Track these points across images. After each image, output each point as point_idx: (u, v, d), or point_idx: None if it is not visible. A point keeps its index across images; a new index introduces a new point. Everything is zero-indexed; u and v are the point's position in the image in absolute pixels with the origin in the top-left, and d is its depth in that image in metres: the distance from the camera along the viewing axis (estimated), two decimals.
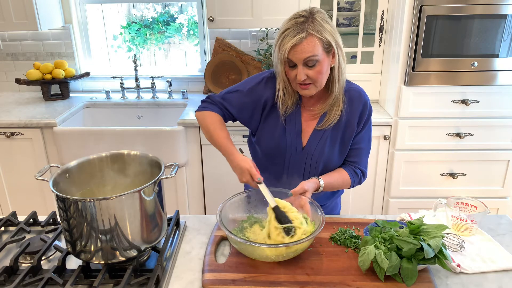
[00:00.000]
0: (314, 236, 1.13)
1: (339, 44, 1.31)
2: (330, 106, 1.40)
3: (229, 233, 1.14)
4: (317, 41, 1.25)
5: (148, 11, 2.96)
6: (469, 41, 2.18)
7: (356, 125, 1.43)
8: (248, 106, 1.45)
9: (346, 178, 1.47)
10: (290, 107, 1.42)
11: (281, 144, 1.44)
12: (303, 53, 1.25)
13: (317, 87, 1.34)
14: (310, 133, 1.43)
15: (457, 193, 2.43)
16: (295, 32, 1.25)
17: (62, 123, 2.45)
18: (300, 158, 1.45)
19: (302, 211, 1.27)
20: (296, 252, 1.16)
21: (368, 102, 1.45)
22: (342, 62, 1.34)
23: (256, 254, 1.15)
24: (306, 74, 1.29)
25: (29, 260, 1.21)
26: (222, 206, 1.25)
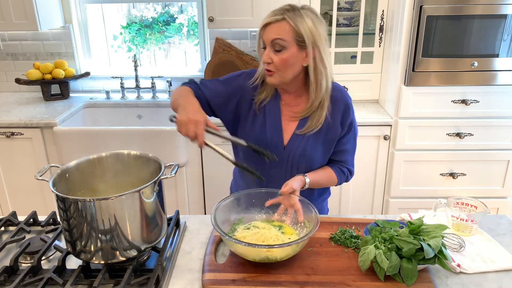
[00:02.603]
0: (308, 237, 1.12)
1: (317, 45, 1.30)
2: (311, 112, 1.40)
3: (223, 233, 1.14)
4: (289, 27, 1.27)
5: (148, 11, 2.96)
6: (469, 41, 2.18)
7: (339, 125, 1.43)
8: (222, 94, 1.45)
9: (332, 176, 1.48)
10: (267, 97, 1.43)
11: (262, 139, 1.43)
12: (272, 33, 1.29)
13: (281, 78, 1.34)
14: (291, 133, 1.43)
15: (457, 193, 2.43)
16: (273, 13, 1.30)
17: (62, 123, 2.45)
18: (281, 157, 1.44)
19: (293, 209, 1.28)
20: (288, 255, 1.15)
21: (350, 102, 1.44)
22: (321, 65, 1.33)
23: (250, 255, 1.14)
24: (271, 58, 1.31)
25: (29, 260, 1.21)
26: (215, 208, 1.24)
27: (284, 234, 1.25)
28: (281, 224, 1.30)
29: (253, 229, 1.26)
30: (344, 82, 2.57)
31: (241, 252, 1.14)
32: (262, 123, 1.44)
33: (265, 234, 1.22)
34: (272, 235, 1.22)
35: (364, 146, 2.41)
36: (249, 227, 1.27)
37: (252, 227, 1.27)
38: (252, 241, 1.19)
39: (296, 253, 1.17)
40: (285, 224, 1.30)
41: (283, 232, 1.26)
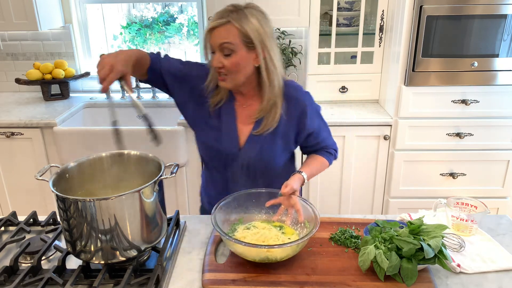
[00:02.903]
0: (308, 237, 1.12)
1: (266, 45, 1.29)
2: (266, 112, 1.39)
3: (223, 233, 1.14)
4: (235, 30, 1.25)
5: (148, 11, 2.96)
6: (469, 41, 2.18)
7: (296, 124, 1.42)
8: (179, 74, 1.43)
9: (323, 161, 1.50)
10: (221, 100, 1.42)
11: (217, 141, 1.43)
12: (218, 38, 1.27)
13: (234, 81, 1.33)
14: (247, 135, 1.42)
15: (457, 193, 2.43)
16: (217, 17, 1.27)
17: (62, 123, 2.45)
18: (237, 158, 1.44)
19: (293, 210, 1.28)
20: (288, 255, 1.15)
21: (306, 99, 1.43)
22: (271, 65, 1.32)
23: (250, 255, 1.14)
24: (222, 63, 1.29)
25: (29, 260, 1.21)
26: (215, 208, 1.24)
27: (285, 234, 1.25)
28: (282, 224, 1.30)
29: (253, 229, 1.26)
30: (344, 82, 2.58)
31: (241, 252, 1.14)
32: (217, 125, 1.43)
33: (265, 234, 1.22)
34: (272, 235, 1.22)
35: (364, 146, 2.41)
36: (249, 227, 1.27)
37: (252, 227, 1.27)
38: (252, 241, 1.19)
39: (296, 253, 1.17)
40: (285, 224, 1.30)
41: (284, 232, 1.26)
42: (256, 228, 1.27)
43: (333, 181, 2.49)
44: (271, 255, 1.12)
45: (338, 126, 2.36)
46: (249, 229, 1.26)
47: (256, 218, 1.33)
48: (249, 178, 1.47)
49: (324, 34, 2.50)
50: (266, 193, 1.33)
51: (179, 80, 1.44)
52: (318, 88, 2.58)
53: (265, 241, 1.20)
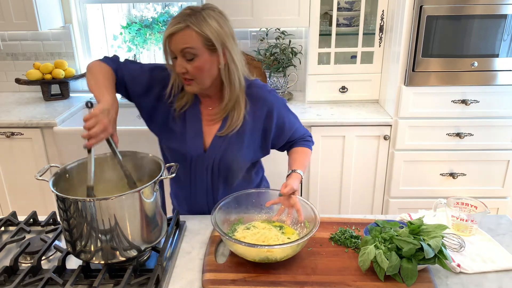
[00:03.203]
0: (308, 237, 1.12)
1: (226, 46, 1.28)
2: (229, 111, 1.38)
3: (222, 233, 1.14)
4: (195, 34, 1.23)
5: (148, 11, 2.96)
6: (469, 41, 2.18)
7: (264, 122, 1.42)
8: (142, 82, 1.40)
9: (307, 151, 1.51)
10: (187, 103, 1.41)
11: (182, 145, 1.42)
12: (179, 43, 1.24)
13: (199, 85, 1.32)
14: (212, 136, 1.42)
15: (457, 193, 2.43)
16: (175, 21, 1.24)
17: (62, 123, 2.45)
18: (202, 161, 1.43)
19: (293, 210, 1.28)
20: (287, 255, 1.15)
21: (271, 96, 1.43)
22: (233, 65, 1.32)
23: (250, 255, 1.14)
24: (186, 68, 1.27)
25: (29, 260, 1.21)
26: (215, 208, 1.24)
27: (285, 234, 1.25)
28: (282, 224, 1.30)
29: (253, 229, 1.26)
30: (344, 82, 2.58)
31: (241, 252, 1.14)
32: (181, 128, 1.42)
33: (265, 234, 1.22)
34: (272, 235, 1.22)
35: (364, 146, 2.41)
36: (249, 227, 1.28)
37: (252, 227, 1.27)
38: (252, 241, 1.19)
39: (296, 253, 1.17)
40: (285, 224, 1.30)
41: (284, 232, 1.26)
42: (256, 228, 1.27)
43: (333, 181, 2.49)
44: (271, 255, 1.12)
45: (338, 126, 2.36)
46: (249, 229, 1.26)
47: (256, 218, 1.33)
48: (214, 180, 1.46)
49: (324, 34, 2.50)
50: (266, 193, 1.34)
51: (144, 89, 1.41)
52: (318, 88, 2.58)
53: (265, 241, 1.20)
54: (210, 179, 1.46)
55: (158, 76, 1.41)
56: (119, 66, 1.41)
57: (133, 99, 1.45)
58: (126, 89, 1.43)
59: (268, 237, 1.21)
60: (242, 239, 1.19)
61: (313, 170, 2.46)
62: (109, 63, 1.40)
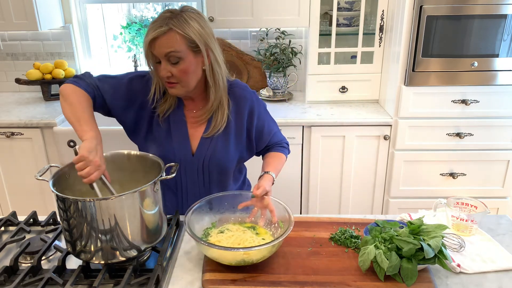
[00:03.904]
0: (283, 237, 1.11)
1: (209, 46, 1.28)
2: (213, 111, 1.38)
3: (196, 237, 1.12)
4: (179, 37, 1.22)
5: (148, 11, 2.96)
6: (469, 41, 2.18)
7: (246, 122, 1.42)
8: (123, 96, 1.37)
9: (281, 156, 1.51)
10: (170, 107, 1.40)
11: (168, 150, 1.40)
12: (163, 47, 1.22)
13: (184, 87, 1.31)
14: (198, 139, 1.41)
15: (457, 193, 2.43)
16: (157, 25, 1.22)
17: (62, 123, 2.44)
18: (191, 164, 1.42)
19: (266, 210, 1.27)
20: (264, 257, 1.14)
21: (253, 95, 1.44)
22: (216, 65, 1.32)
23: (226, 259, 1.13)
24: (170, 72, 1.26)
25: (29, 260, 1.21)
26: (188, 213, 1.22)
27: (258, 235, 1.23)
28: (254, 225, 1.29)
29: (227, 232, 1.24)
30: (344, 82, 2.58)
31: (216, 256, 1.13)
32: (166, 133, 1.40)
33: (240, 236, 1.21)
34: (248, 237, 1.20)
35: (364, 146, 2.41)
36: (223, 230, 1.26)
37: (226, 230, 1.25)
38: (228, 244, 1.18)
39: (295, 254, 1.17)
40: (258, 225, 1.29)
41: (257, 233, 1.25)
42: (230, 231, 1.25)
43: (333, 181, 2.49)
44: (248, 257, 1.11)
45: (338, 126, 2.36)
46: (223, 232, 1.24)
47: (229, 221, 1.31)
48: (206, 183, 1.46)
49: (324, 34, 2.50)
50: (239, 196, 1.32)
51: (125, 104, 1.39)
52: (318, 88, 2.58)
53: (241, 243, 1.18)
54: (202, 183, 1.46)
55: (137, 86, 1.39)
56: (95, 87, 1.36)
57: (115, 115, 1.41)
58: (107, 106, 1.38)
59: (243, 239, 1.19)
60: (217, 243, 1.17)
61: (313, 170, 2.46)
62: (82, 86, 1.32)
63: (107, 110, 1.40)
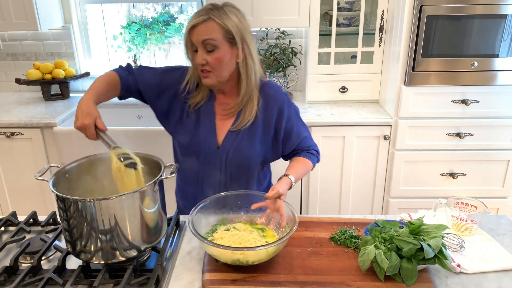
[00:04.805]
0: (277, 244, 1.10)
1: (245, 40, 1.33)
2: (243, 105, 1.41)
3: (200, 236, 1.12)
4: (217, 26, 1.29)
5: (148, 11, 2.96)
6: (469, 41, 2.18)
7: (275, 121, 1.43)
8: (156, 86, 1.46)
9: (307, 162, 1.49)
10: (202, 100, 1.44)
11: (195, 140, 1.44)
12: (201, 34, 1.29)
13: (217, 77, 1.35)
14: (225, 132, 1.44)
15: (457, 193, 2.43)
16: (198, 15, 1.31)
17: (62, 123, 2.45)
18: (215, 156, 1.44)
19: (278, 214, 1.26)
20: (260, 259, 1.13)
21: (285, 97, 1.45)
22: (250, 60, 1.36)
23: (223, 257, 1.13)
24: (206, 59, 1.31)
25: (29, 260, 1.21)
26: (196, 208, 1.23)
27: (265, 237, 1.23)
28: (264, 227, 1.28)
29: (233, 230, 1.24)
30: (344, 82, 2.58)
31: (214, 253, 1.13)
32: (195, 124, 1.44)
33: (242, 236, 1.20)
34: (250, 238, 1.20)
35: (364, 146, 2.41)
36: (230, 228, 1.26)
37: (232, 229, 1.25)
38: (229, 242, 1.17)
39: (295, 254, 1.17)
40: (268, 227, 1.28)
41: (264, 235, 1.24)
42: (236, 230, 1.24)
43: (333, 181, 2.50)
44: (243, 258, 1.11)
45: (338, 126, 2.36)
46: (229, 230, 1.24)
47: (240, 220, 1.31)
48: (226, 178, 1.46)
49: (324, 34, 2.50)
50: (253, 196, 1.32)
51: (158, 92, 1.46)
52: (318, 88, 2.58)
53: (242, 243, 1.18)
54: (224, 176, 1.47)
55: (171, 77, 1.46)
56: (130, 73, 1.47)
57: (148, 102, 1.50)
58: (141, 94, 1.48)
59: (245, 240, 1.19)
60: (219, 240, 1.18)
61: (313, 170, 2.45)
62: (118, 71, 1.47)
63: (141, 96, 1.49)
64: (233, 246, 1.14)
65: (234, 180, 1.47)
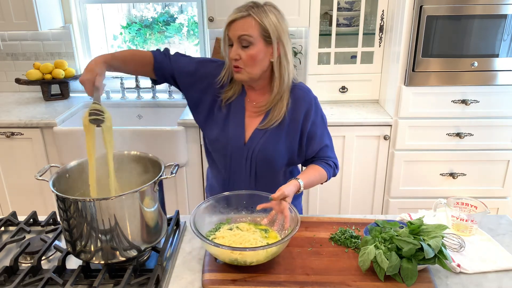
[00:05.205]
0: (273, 246, 1.10)
1: (282, 40, 1.34)
2: (273, 105, 1.41)
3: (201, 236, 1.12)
4: (255, 23, 1.30)
5: (148, 11, 2.96)
6: (469, 41, 2.18)
7: (301, 123, 1.43)
8: (191, 74, 1.46)
9: (322, 172, 1.46)
10: (233, 95, 1.45)
11: (223, 134, 1.45)
12: (238, 30, 1.31)
13: (249, 74, 1.35)
14: (253, 129, 1.44)
15: (457, 193, 2.43)
16: (238, 10, 1.33)
17: (62, 123, 2.45)
18: (241, 152, 1.45)
19: (282, 216, 1.26)
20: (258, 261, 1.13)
21: (313, 100, 1.45)
22: (285, 60, 1.36)
23: (221, 256, 1.13)
24: (240, 55, 1.32)
25: (29, 260, 1.21)
26: (201, 205, 1.24)
27: (267, 239, 1.23)
28: (267, 228, 1.28)
29: (235, 230, 1.24)
30: (344, 82, 2.58)
31: (214, 252, 1.14)
32: (225, 118, 1.45)
33: (243, 236, 1.20)
34: (251, 239, 1.19)
35: (364, 146, 2.41)
36: (232, 227, 1.26)
37: (235, 228, 1.25)
38: (230, 242, 1.17)
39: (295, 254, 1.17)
40: (272, 229, 1.28)
41: (267, 236, 1.24)
42: (238, 229, 1.24)
43: (333, 181, 2.49)
44: (241, 258, 1.11)
45: (338, 126, 2.36)
46: (232, 229, 1.24)
47: (244, 220, 1.31)
48: (251, 175, 1.47)
49: (324, 34, 2.50)
50: (258, 196, 1.32)
51: (191, 81, 1.47)
52: (318, 88, 2.58)
53: (242, 243, 1.18)
54: (249, 173, 1.47)
55: (206, 69, 1.47)
56: (166, 56, 1.47)
57: (181, 88, 1.50)
58: (175, 80, 1.48)
59: (245, 240, 1.19)
60: (220, 238, 1.19)
61: None
62: (154, 51, 1.47)
63: (175, 82, 1.49)
64: (232, 246, 1.14)
65: (260, 178, 1.48)
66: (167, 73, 1.47)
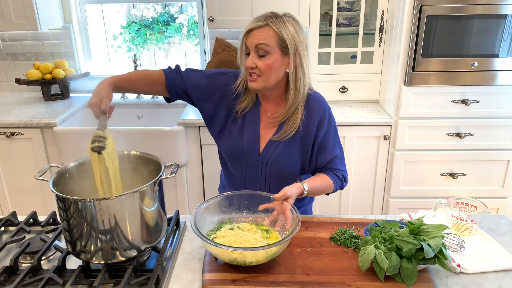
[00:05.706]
0: (271, 246, 1.10)
1: (298, 51, 1.33)
2: (287, 116, 1.41)
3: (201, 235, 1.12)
4: (273, 33, 1.30)
5: (148, 11, 2.96)
6: (469, 41, 2.18)
7: (314, 133, 1.42)
8: (203, 88, 1.46)
9: (329, 182, 1.45)
10: (248, 106, 1.45)
11: (238, 145, 1.45)
12: (255, 38, 1.31)
13: (264, 83, 1.35)
14: (267, 140, 1.44)
15: (457, 193, 2.43)
16: (256, 20, 1.33)
17: (62, 123, 2.45)
18: (256, 163, 1.45)
19: (284, 216, 1.25)
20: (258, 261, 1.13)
21: (327, 111, 1.45)
22: (301, 71, 1.36)
23: (221, 256, 1.13)
24: (256, 63, 1.32)
25: (29, 260, 1.21)
26: (202, 205, 1.24)
27: (268, 239, 1.23)
28: (268, 228, 1.28)
29: (236, 230, 1.24)
30: (344, 82, 2.58)
31: (213, 251, 1.14)
32: (240, 129, 1.46)
33: (244, 236, 1.20)
34: (251, 239, 1.19)
35: (364, 146, 2.41)
36: (234, 227, 1.26)
37: (236, 228, 1.25)
38: (230, 242, 1.17)
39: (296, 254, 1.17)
40: (273, 229, 1.28)
41: (268, 236, 1.24)
42: (239, 229, 1.24)
43: None
44: (241, 258, 1.11)
45: (338, 126, 2.33)
46: (233, 229, 1.24)
47: (245, 220, 1.32)
48: (266, 184, 1.48)
49: (324, 34, 2.50)
50: (260, 196, 1.32)
51: (204, 95, 1.47)
52: (318, 88, 2.55)
53: (242, 243, 1.18)
54: (264, 182, 1.48)
55: (218, 82, 1.47)
56: (178, 74, 1.48)
57: (195, 104, 1.51)
58: (189, 96, 1.49)
59: (246, 240, 1.18)
60: (221, 238, 1.19)
61: None
62: (165, 69, 1.48)
63: (189, 98, 1.50)
64: (232, 246, 1.15)
65: (273, 185, 1.48)
66: (180, 90, 1.47)
